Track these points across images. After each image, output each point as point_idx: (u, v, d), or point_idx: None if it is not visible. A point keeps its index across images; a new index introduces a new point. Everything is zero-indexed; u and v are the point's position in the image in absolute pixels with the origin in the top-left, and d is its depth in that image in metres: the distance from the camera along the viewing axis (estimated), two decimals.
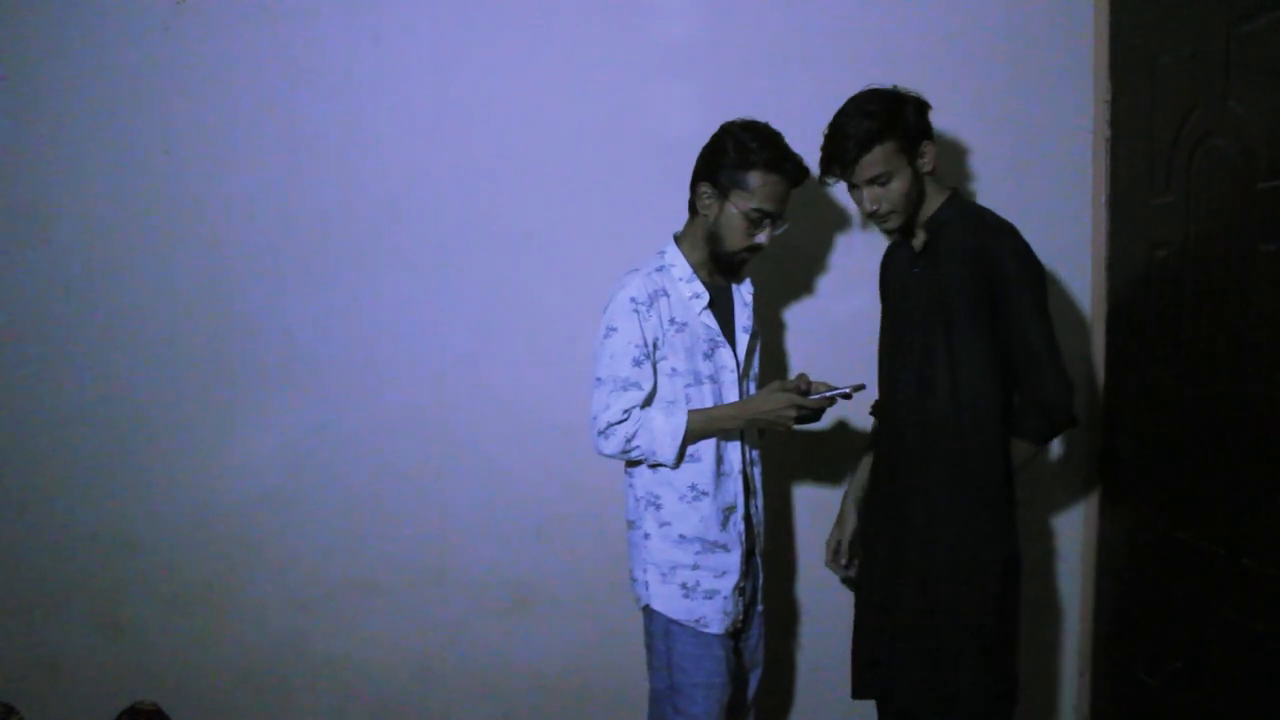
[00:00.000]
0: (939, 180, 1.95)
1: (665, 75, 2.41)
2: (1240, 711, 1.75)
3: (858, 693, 2.04)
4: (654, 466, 1.95)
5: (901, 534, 1.94)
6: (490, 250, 2.46)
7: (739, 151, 1.89)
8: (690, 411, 1.90)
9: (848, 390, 1.89)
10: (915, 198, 1.90)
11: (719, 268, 2.00)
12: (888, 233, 1.99)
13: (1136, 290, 2.17)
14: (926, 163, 1.90)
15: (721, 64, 2.39)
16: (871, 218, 1.92)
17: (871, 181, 1.86)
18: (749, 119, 1.95)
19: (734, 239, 1.93)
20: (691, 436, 1.91)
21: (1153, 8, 2.09)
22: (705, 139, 1.99)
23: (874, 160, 1.84)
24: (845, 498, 2.18)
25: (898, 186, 1.87)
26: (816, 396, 1.89)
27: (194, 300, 2.50)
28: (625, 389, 1.90)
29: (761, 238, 1.94)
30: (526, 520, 2.50)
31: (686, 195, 2.03)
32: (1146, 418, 2.12)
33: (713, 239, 1.95)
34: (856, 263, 2.35)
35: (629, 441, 1.90)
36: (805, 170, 1.94)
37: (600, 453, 1.93)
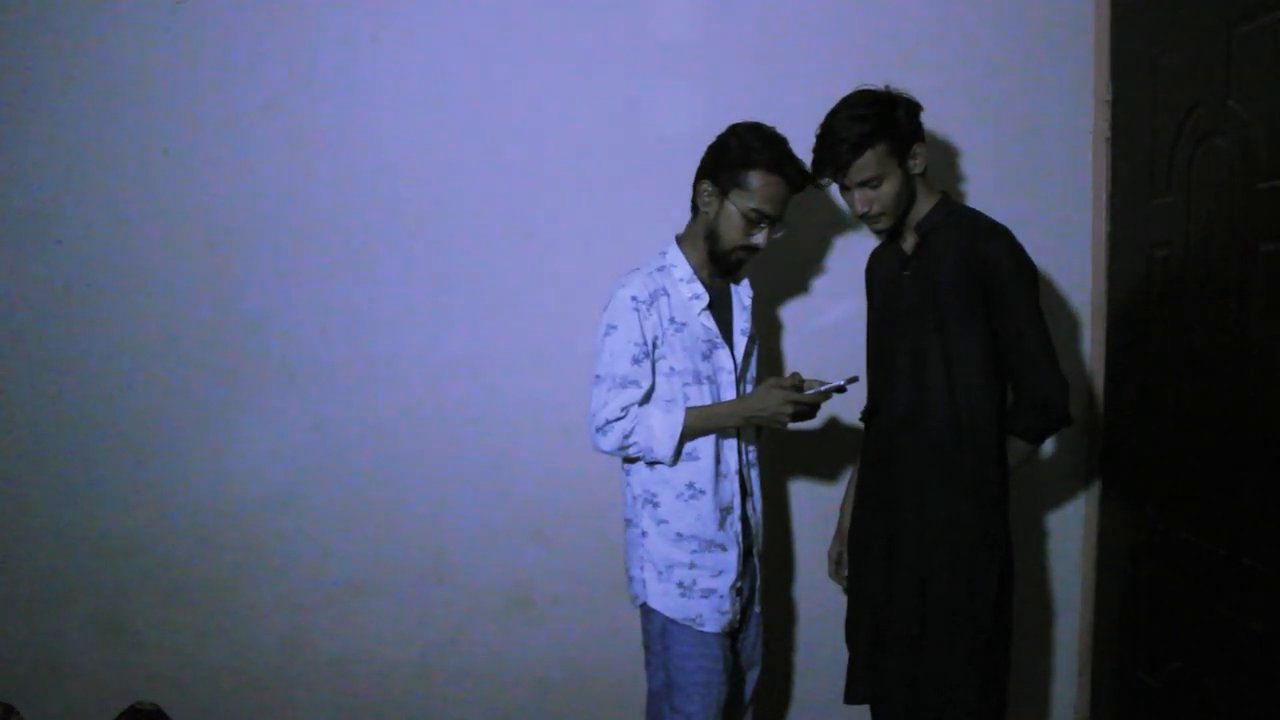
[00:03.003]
0: (929, 182, 1.95)
1: (665, 75, 2.41)
2: (1240, 711, 1.74)
3: (850, 698, 2.04)
4: (651, 464, 1.95)
5: (896, 536, 1.94)
6: (490, 250, 2.46)
7: (741, 151, 1.90)
8: (688, 409, 1.91)
9: (842, 384, 1.88)
10: (906, 199, 1.91)
11: (716, 266, 2.01)
12: (878, 233, 2.00)
13: (1136, 290, 2.17)
14: (917, 164, 1.90)
15: (721, 64, 2.39)
16: (862, 219, 1.93)
17: (863, 184, 1.87)
18: (755, 121, 1.95)
19: (730, 237, 1.94)
20: (689, 433, 1.91)
21: (1153, 8, 2.09)
22: (705, 139, 2.00)
23: (866, 163, 1.85)
24: (843, 508, 2.18)
25: (889, 189, 1.87)
26: (811, 392, 1.89)
27: (194, 300, 2.50)
28: (624, 386, 1.90)
29: (758, 238, 1.94)
30: (526, 520, 2.50)
31: (686, 195, 2.03)
32: (1146, 418, 2.12)
33: (711, 236, 1.95)
34: (853, 265, 2.34)
35: (626, 438, 1.90)
36: (807, 175, 1.93)
37: (598, 449, 1.94)
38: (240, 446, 2.53)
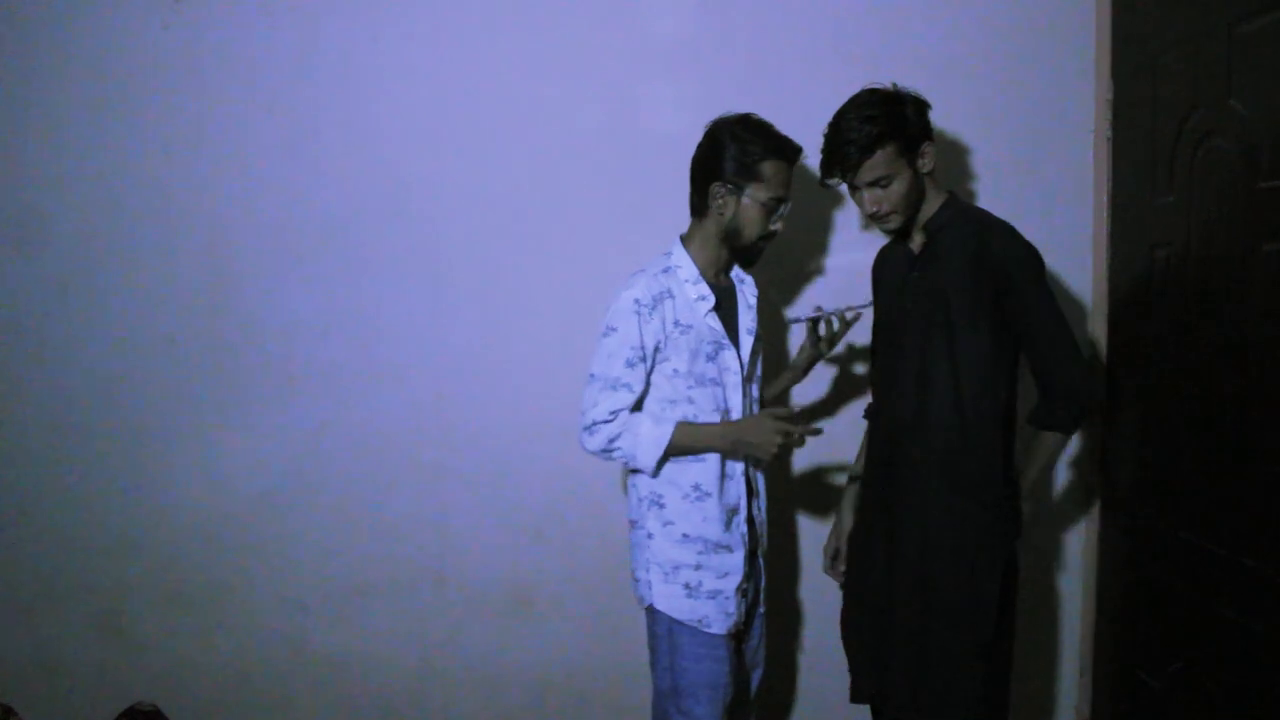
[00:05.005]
0: (936, 181, 1.95)
1: (663, 75, 2.41)
2: (1240, 711, 1.74)
3: (857, 696, 2.04)
4: (633, 471, 1.97)
5: (899, 536, 1.94)
6: (489, 250, 2.46)
7: (745, 146, 1.91)
8: (679, 424, 1.91)
9: (855, 310, 2.03)
10: (916, 198, 1.91)
11: (739, 260, 2.03)
12: (888, 233, 1.99)
13: (1137, 290, 2.17)
14: (926, 163, 1.90)
15: (720, 64, 2.39)
16: (873, 219, 1.93)
17: (873, 184, 1.87)
18: (736, 115, 1.95)
19: (753, 230, 1.95)
20: (675, 450, 1.92)
21: (1153, 8, 2.09)
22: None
23: (876, 164, 1.84)
24: (842, 502, 2.18)
25: (899, 188, 1.87)
26: (834, 311, 2.06)
27: (194, 300, 2.50)
28: (615, 389, 1.91)
29: (777, 224, 1.97)
30: (526, 520, 2.50)
31: (684, 194, 2.03)
32: (1146, 418, 2.12)
33: (731, 235, 1.96)
34: (859, 263, 2.34)
35: (611, 442, 1.91)
36: (800, 149, 1.96)
37: (583, 448, 1.95)
38: (240, 447, 2.53)
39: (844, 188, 1.96)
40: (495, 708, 2.54)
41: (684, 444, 1.92)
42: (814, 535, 2.47)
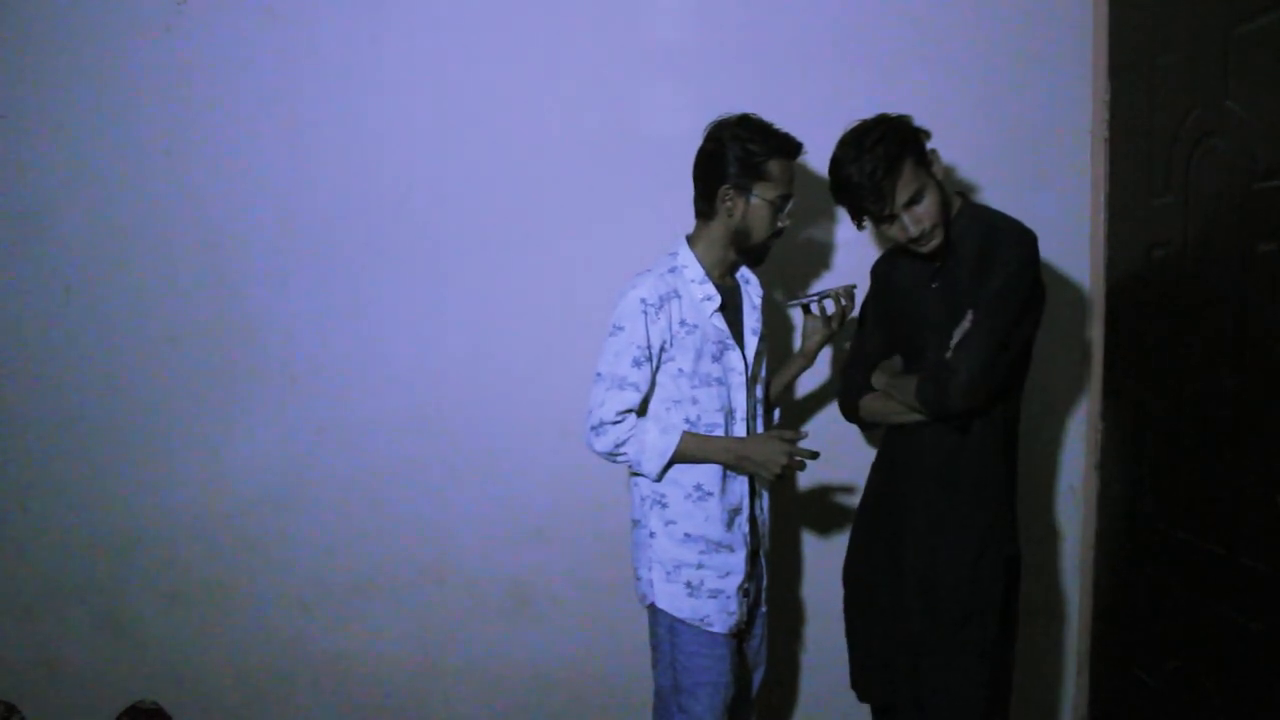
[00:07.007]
0: (947, 187, 1.93)
1: (662, 76, 2.42)
2: (1239, 711, 1.75)
3: (865, 696, 2.04)
4: (635, 474, 1.98)
5: (903, 536, 1.94)
6: (489, 250, 2.46)
7: (749, 148, 1.91)
8: (685, 435, 1.92)
9: (844, 288, 2.04)
10: (946, 207, 1.87)
11: (748, 260, 2.04)
12: (929, 254, 1.89)
13: (1135, 289, 2.17)
14: (939, 169, 1.87)
15: (718, 66, 2.39)
16: (914, 244, 1.86)
17: (910, 203, 1.82)
18: (735, 116, 1.95)
19: (763, 229, 1.96)
20: (680, 459, 1.93)
21: (1152, 8, 2.09)
22: (700, 140, 2.00)
23: (907, 181, 1.80)
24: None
25: (931, 200, 1.83)
26: (823, 293, 2.05)
27: (195, 300, 2.51)
28: (622, 388, 1.91)
29: (785, 221, 1.98)
30: (527, 520, 2.50)
31: (682, 196, 2.03)
32: (1146, 417, 2.12)
33: (740, 235, 1.96)
34: (860, 262, 2.35)
35: (618, 446, 1.92)
36: (801, 144, 1.96)
37: (590, 448, 1.95)
38: (240, 446, 2.53)
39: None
40: (496, 706, 2.55)
41: (689, 454, 1.93)
42: (817, 535, 2.48)
